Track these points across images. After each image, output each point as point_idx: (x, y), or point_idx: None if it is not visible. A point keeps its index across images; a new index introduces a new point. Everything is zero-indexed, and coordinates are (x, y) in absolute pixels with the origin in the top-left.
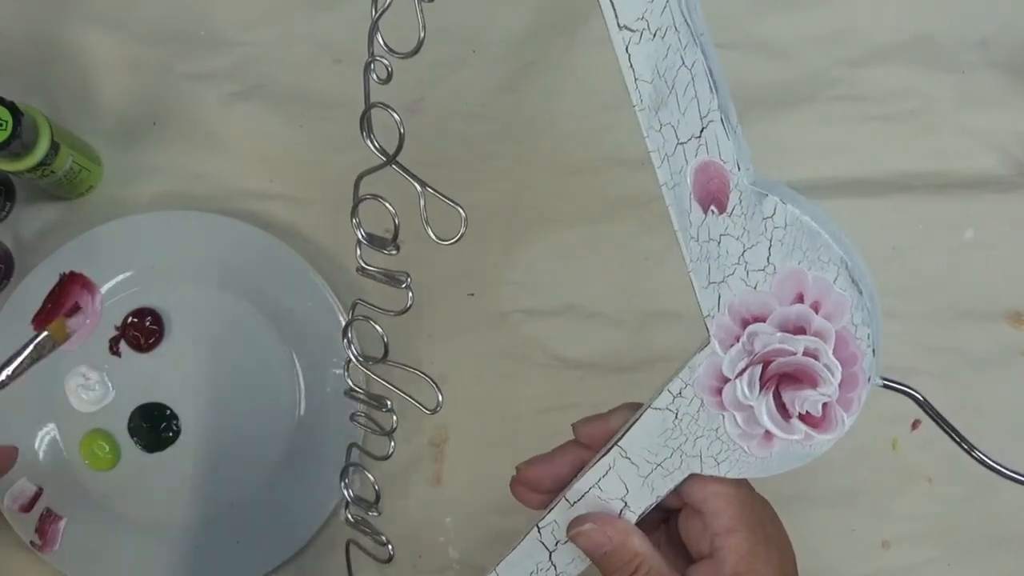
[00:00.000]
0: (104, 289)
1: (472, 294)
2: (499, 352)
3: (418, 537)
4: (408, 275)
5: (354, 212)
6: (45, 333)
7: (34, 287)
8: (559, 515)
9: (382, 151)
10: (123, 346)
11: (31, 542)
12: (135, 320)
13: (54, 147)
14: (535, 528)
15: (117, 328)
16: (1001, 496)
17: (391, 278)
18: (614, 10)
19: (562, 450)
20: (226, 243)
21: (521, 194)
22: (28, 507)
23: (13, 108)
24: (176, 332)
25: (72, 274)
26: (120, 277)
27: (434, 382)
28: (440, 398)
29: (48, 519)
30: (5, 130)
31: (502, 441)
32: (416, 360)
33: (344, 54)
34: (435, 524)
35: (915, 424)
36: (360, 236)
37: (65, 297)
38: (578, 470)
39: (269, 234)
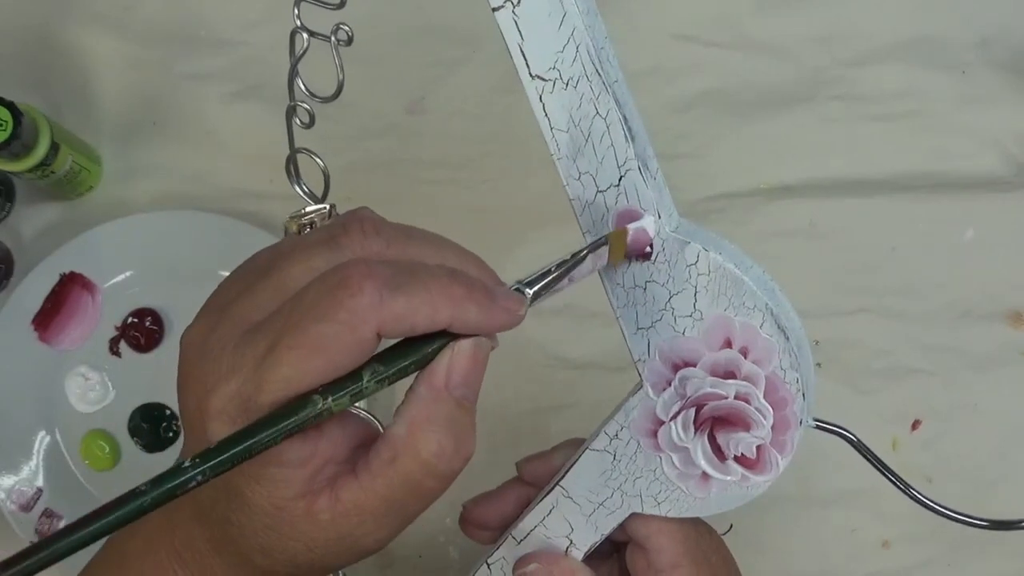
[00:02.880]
0: (104, 289)
1: None
2: (499, 352)
3: (418, 537)
4: None
5: None
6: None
7: (34, 287)
8: (507, 552)
9: (311, 195)
10: (123, 346)
11: (31, 542)
12: (135, 320)
13: (54, 147)
14: (484, 564)
15: (117, 328)
16: (1001, 496)
17: None
18: (525, 59)
19: (506, 488)
20: (226, 243)
21: (521, 194)
22: (28, 507)
23: (13, 108)
24: (176, 332)
25: (72, 274)
26: (120, 277)
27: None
28: None
29: (48, 519)
30: (5, 130)
31: (502, 441)
32: None
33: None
34: (435, 524)
35: (915, 424)
36: None
37: (65, 297)
38: (523, 507)
39: (269, 234)
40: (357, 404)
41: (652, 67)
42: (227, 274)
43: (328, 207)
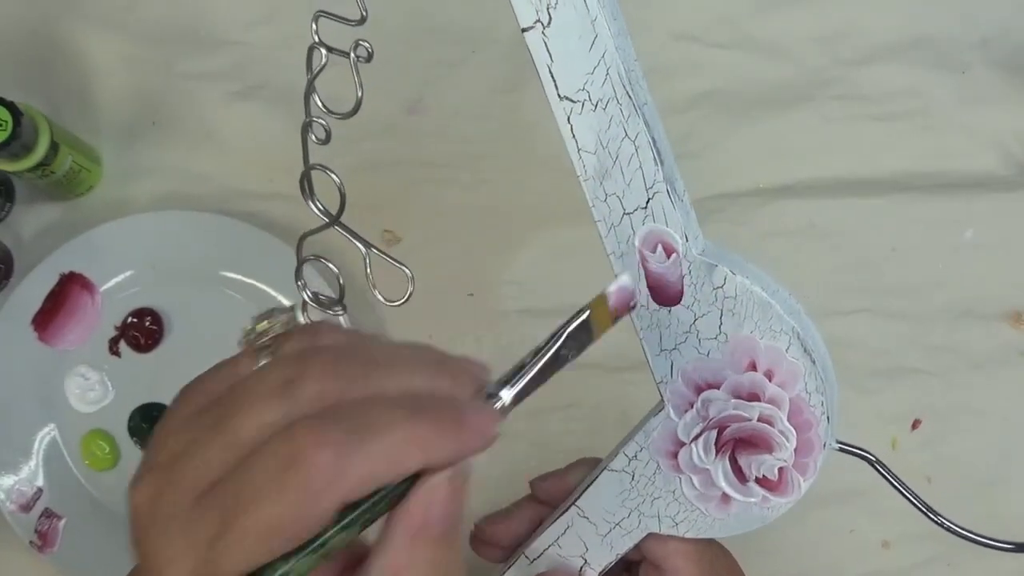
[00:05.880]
0: (104, 289)
1: (472, 294)
2: (499, 352)
3: None
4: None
5: (298, 273)
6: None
7: (34, 287)
8: (519, 571)
9: (325, 212)
10: (123, 346)
11: (31, 542)
12: (135, 320)
13: (54, 147)
14: None
15: (117, 328)
16: (1001, 496)
17: None
18: (554, 81)
19: (520, 507)
20: (226, 243)
21: (521, 194)
22: (28, 507)
23: (13, 108)
24: (176, 332)
25: (72, 274)
26: (120, 277)
27: None
28: None
29: (48, 519)
30: (5, 130)
31: (501, 441)
32: None
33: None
34: None
35: (915, 424)
36: (306, 297)
37: (65, 297)
38: (536, 526)
39: (269, 234)
40: None
41: (652, 67)
42: (227, 274)
43: (292, 312)
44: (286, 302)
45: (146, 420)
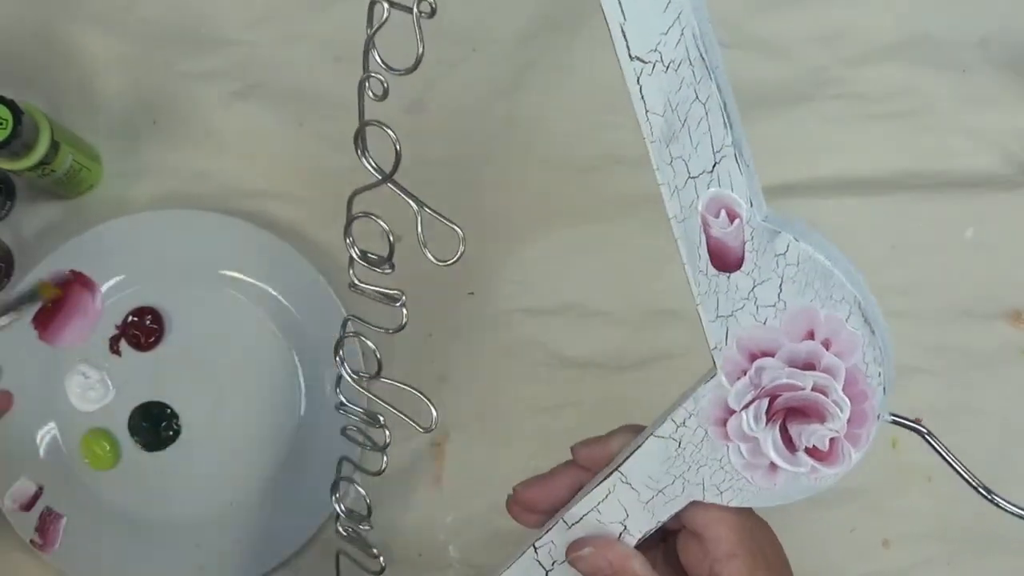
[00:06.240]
0: (104, 288)
1: (472, 293)
2: (499, 352)
3: (418, 536)
4: (403, 293)
5: (347, 230)
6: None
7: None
8: (556, 536)
9: (378, 169)
10: (123, 345)
11: (31, 541)
12: (135, 319)
13: (54, 146)
14: (531, 547)
15: (117, 327)
16: (1001, 496)
17: (386, 297)
18: (625, 40)
19: (560, 471)
20: (226, 242)
21: (521, 194)
22: (28, 506)
23: (13, 107)
24: (176, 331)
25: (72, 273)
26: (120, 276)
27: (429, 400)
28: (435, 415)
29: (48, 518)
30: (5, 129)
31: (502, 441)
32: (416, 360)
33: (344, 52)
34: (435, 523)
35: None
36: (354, 254)
37: (65, 296)
38: (576, 492)
39: (269, 233)
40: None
41: None
42: (227, 274)
43: None
44: (286, 301)
45: (146, 419)
